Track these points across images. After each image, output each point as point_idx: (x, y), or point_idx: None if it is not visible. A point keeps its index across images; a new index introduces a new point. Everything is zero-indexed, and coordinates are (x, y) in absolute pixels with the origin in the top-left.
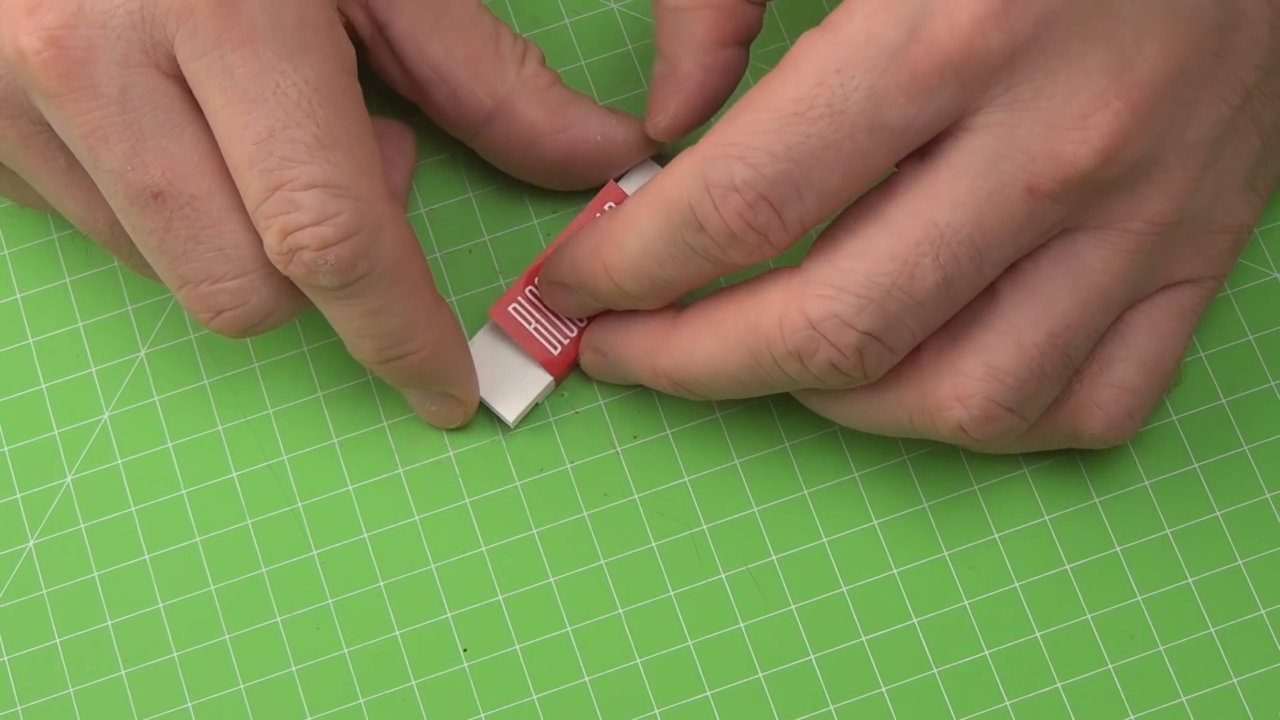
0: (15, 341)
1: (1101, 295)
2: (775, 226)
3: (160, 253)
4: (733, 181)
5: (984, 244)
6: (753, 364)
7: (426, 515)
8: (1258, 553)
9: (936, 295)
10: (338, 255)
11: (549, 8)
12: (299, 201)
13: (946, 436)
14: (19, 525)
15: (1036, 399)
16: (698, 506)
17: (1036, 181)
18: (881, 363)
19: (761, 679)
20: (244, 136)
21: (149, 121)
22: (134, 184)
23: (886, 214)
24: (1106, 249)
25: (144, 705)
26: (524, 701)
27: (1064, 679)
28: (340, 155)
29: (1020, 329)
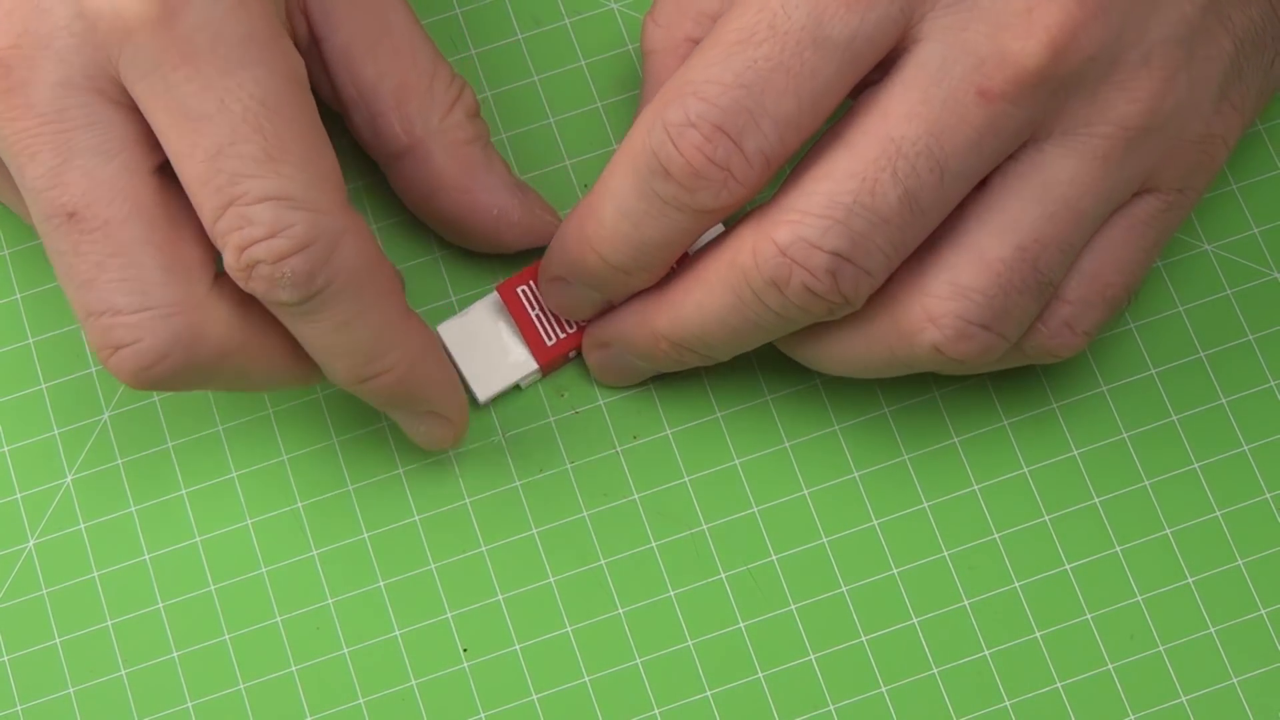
0: (15, 341)
1: (1069, 207)
2: (737, 159)
3: (68, 277)
4: (688, 117)
5: (942, 154)
6: (737, 303)
7: (426, 515)
8: (1258, 553)
9: (901, 210)
10: (294, 267)
11: (549, 8)
12: (252, 216)
13: (927, 360)
14: (19, 525)
15: (1010, 315)
16: (698, 506)
17: (987, 83)
18: (859, 285)
19: (761, 679)
20: (193, 155)
21: (81, 143)
22: (51, 202)
23: (845, 136)
24: (1074, 157)
25: (144, 705)
26: (524, 701)
27: (1064, 679)
28: (291, 167)
29: (985, 245)
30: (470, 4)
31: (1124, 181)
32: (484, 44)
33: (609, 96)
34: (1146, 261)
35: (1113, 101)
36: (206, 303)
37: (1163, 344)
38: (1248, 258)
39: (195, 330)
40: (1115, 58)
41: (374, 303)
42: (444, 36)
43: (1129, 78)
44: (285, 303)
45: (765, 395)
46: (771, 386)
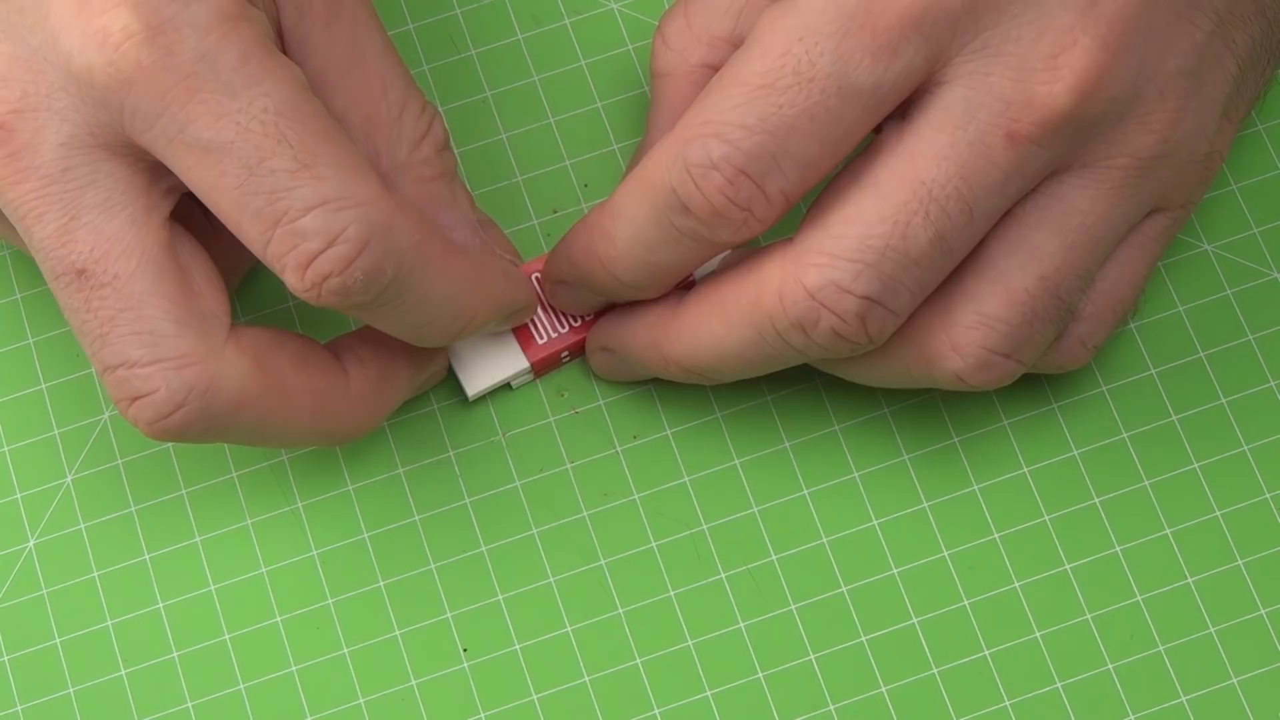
0: (15, 341)
1: (1088, 235)
2: (758, 200)
3: (82, 333)
4: (710, 160)
5: (972, 196)
6: (758, 340)
7: (426, 515)
8: (1258, 553)
9: (931, 252)
10: (364, 268)
11: (549, 8)
12: (303, 230)
13: (944, 385)
14: (19, 525)
15: (1031, 342)
16: (698, 506)
17: (1015, 127)
18: (885, 326)
19: (761, 679)
20: (224, 187)
21: (87, 200)
22: (60, 260)
23: (873, 177)
24: (1092, 188)
25: (144, 705)
26: (524, 701)
27: (1064, 679)
28: (326, 168)
29: (1010, 276)
30: (470, 4)
31: (1137, 206)
32: (484, 44)
33: (609, 96)
34: (1149, 273)
35: (1131, 134)
36: (222, 353)
37: (1163, 344)
38: (1248, 258)
39: (210, 381)
40: (1136, 94)
41: (442, 267)
42: (444, 36)
43: (1146, 112)
44: (360, 303)
45: (765, 395)
46: (771, 386)
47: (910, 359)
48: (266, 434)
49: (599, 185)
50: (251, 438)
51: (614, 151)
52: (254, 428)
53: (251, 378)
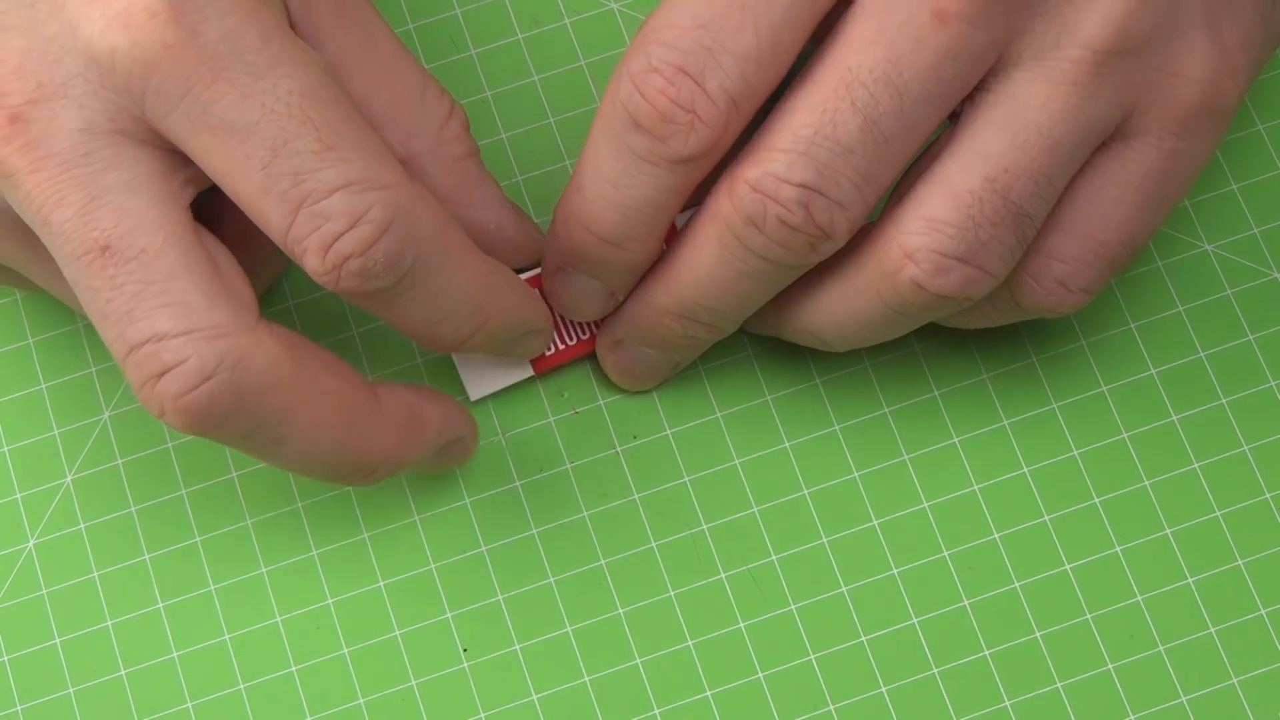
0: (15, 341)
1: (1040, 135)
2: (701, 99)
3: (105, 317)
4: (650, 63)
5: (900, 80)
6: (722, 252)
7: (426, 515)
8: (1258, 553)
9: (863, 139)
10: (385, 250)
11: (549, 8)
12: (326, 211)
13: (914, 301)
14: (19, 525)
15: (987, 248)
16: (698, 506)
17: (942, 4)
18: (834, 217)
19: (761, 679)
20: (247, 169)
21: (109, 181)
22: (83, 240)
23: (807, 72)
24: (1043, 83)
25: (144, 705)
26: (524, 701)
27: (1064, 679)
28: (350, 150)
29: (954, 177)
30: (470, 4)
31: (1101, 110)
32: (484, 44)
33: None
34: (1145, 218)
35: (1080, 23)
36: (255, 330)
37: (1163, 344)
38: (1248, 258)
39: (242, 354)
40: None
41: (461, 259)
42: (444, 36)
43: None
44: (380, 289)
45: (765, 395)
46: (771, 386)
47: (874, 277)
48: (293, 431)
49: None
50: (275, 434)
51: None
52: (282, 419)
53: (284, 362)
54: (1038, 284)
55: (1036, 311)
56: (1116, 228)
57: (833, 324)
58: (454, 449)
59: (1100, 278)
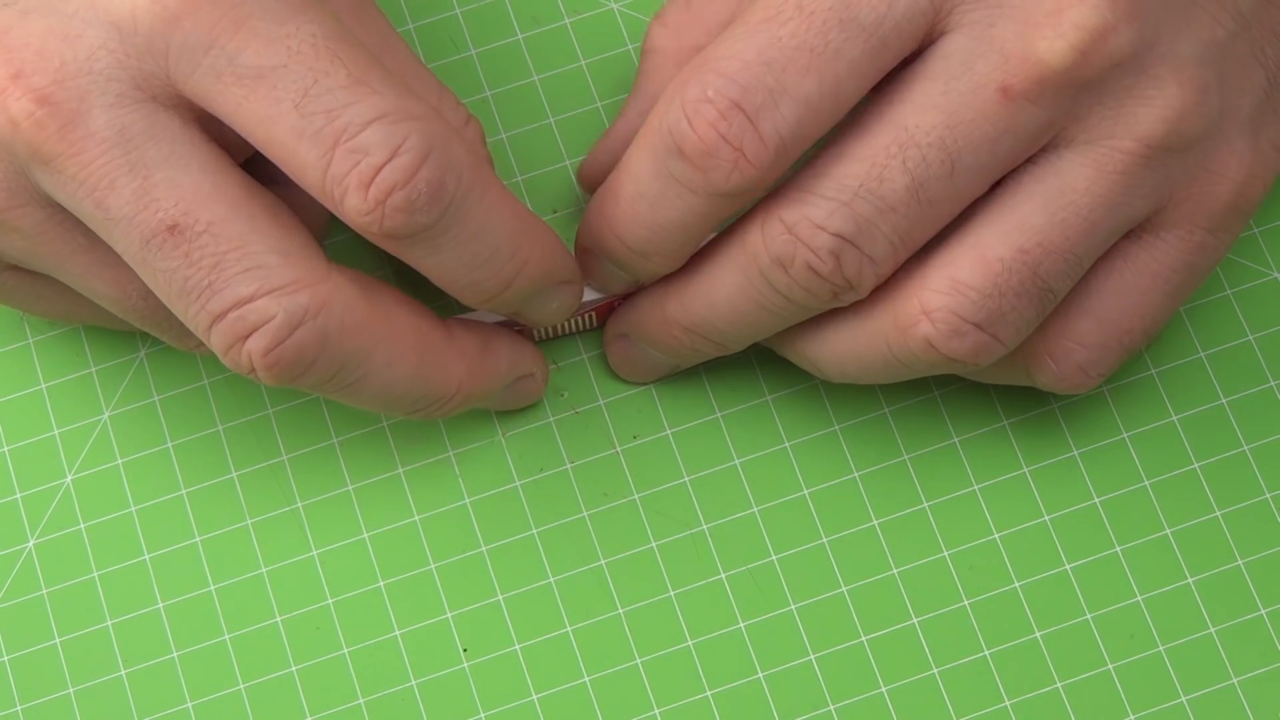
0: (15, 341)
1: (1080, 217)
2: (750, 137)
3: (184, 294)
4: (705, 93)
5: (955, 148)
6: (744, 283)
7: (426, 515)
8: (1258, 553)
9: (907, 199)
10: (428, 179)
11: (549, 8)
12: (364, 145)
13: (922, 357)
14: (19, 525)
15: (1006, 318)
16: (698, 506)
17: (1010, 80)
18: (862, 270)
19: (761, 679)
20: (279, 112)
21: (153, 156)
22: (147, 223)
23: (862, 121)
24: (1091, 168)
25: (144, 705)
26: (524, 701)
27: (1064, 679)
28: (380, 84)
29: (987, 243)
30: (470, 4)
31: (1140, 200)
32: (484, 44)
33: (609, 96)
34: (1169, 306)
35: (1138, 116)
36: (329, 278)
37: (1163, 344)
38: (1248, 258)
39: (322, 302)
40: (1143, 68)
41: (498, 195)
42: (444, 36)
43: (1156, 92)
44: (424, 225)
45: (765, 395)
46: (771, 386)
47: (887, 326)
48: (373, 369)
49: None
50: (359, 373)
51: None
52: (363, 358)
53: (360, 303)
54: (1058, 366)
55: (1046, 388)
56: (1142, 316)
57: (833, 359)
58: (523, 386)
59: (1117, 363)
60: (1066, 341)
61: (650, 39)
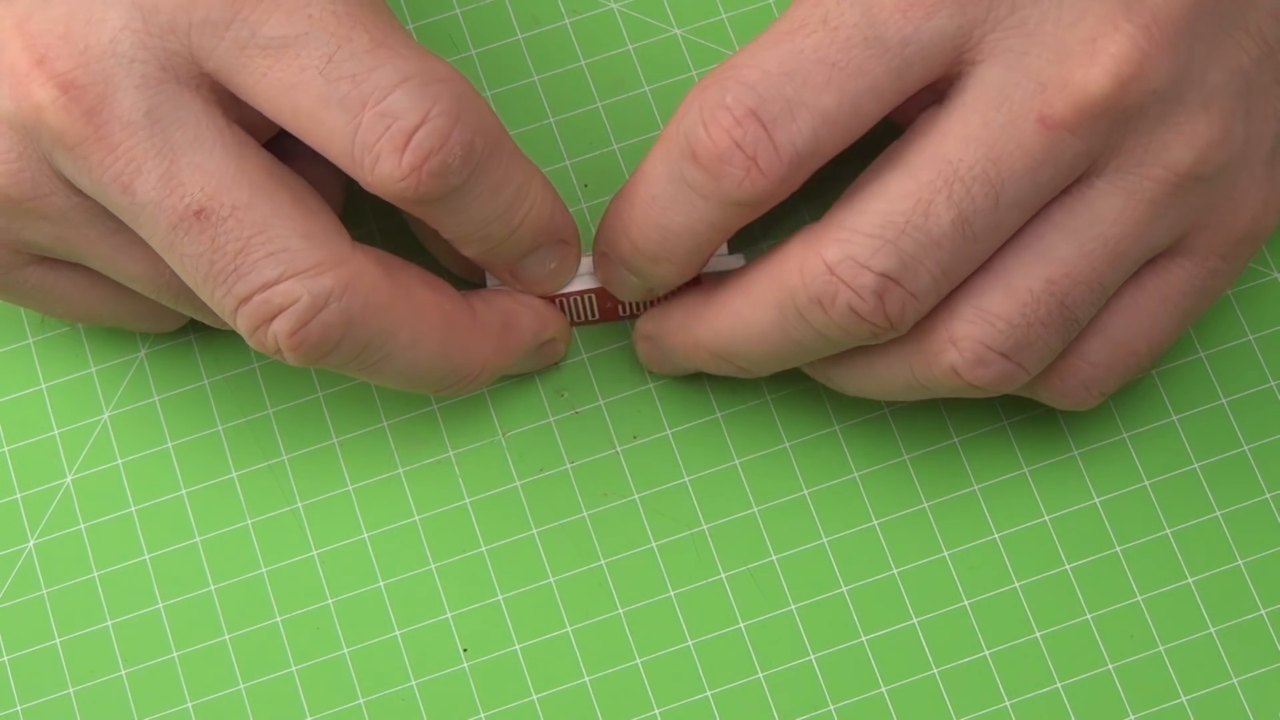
0: (15, 341)
1: (1108, 247)
2: (764, 147)
3: (209, 277)
4: (724, 100)
5: (998, 179)
6: (780, 320)
7: (426, 515)
8: (1258, 553)
9: (953, 234)
10: (460, 140)
11: (549, 8)
12: (393, 109)
13: (944, 383)
14: (19, 525)
15: (1032, 347)
16: (698, 506)
17: (1049, 110)
18: (905, 309)
19: (761, 679)
20: (304, 81)
21: (179, 140)
22: (174, 208)
23: (902, 157)
24: (1121, 196)
25: (144, 705)
26: (524, 701)
27: (1064, 679)
28: (403, 46)
29: (1015, 273)
30: (470, 4)
31: (1165, 229)
32: (484, 44)
33: (609, 96)
34: (1177, 330)
35: (1168, 144)
36: (352, 258)
37: None
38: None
39: (346, 283)
40: (1178, 97)
41: (511, 149)
42: (444, 36)
43: (1187, 121)
44: (456, 187)
45: (765, 395)
46: (771, 386)
47: (911, 352)
48: (398, 347)
49: (599, 185)
50: (383, 352)
51: (614, 151)
52: (387, 337)
53: (383, 283)
54: (1063, 382)
55: (1049, 404)
56: (1149, 339)
57: (853, 379)
58: (547, 349)
59: (1121, 383)
60: (1073, 359)
61: None
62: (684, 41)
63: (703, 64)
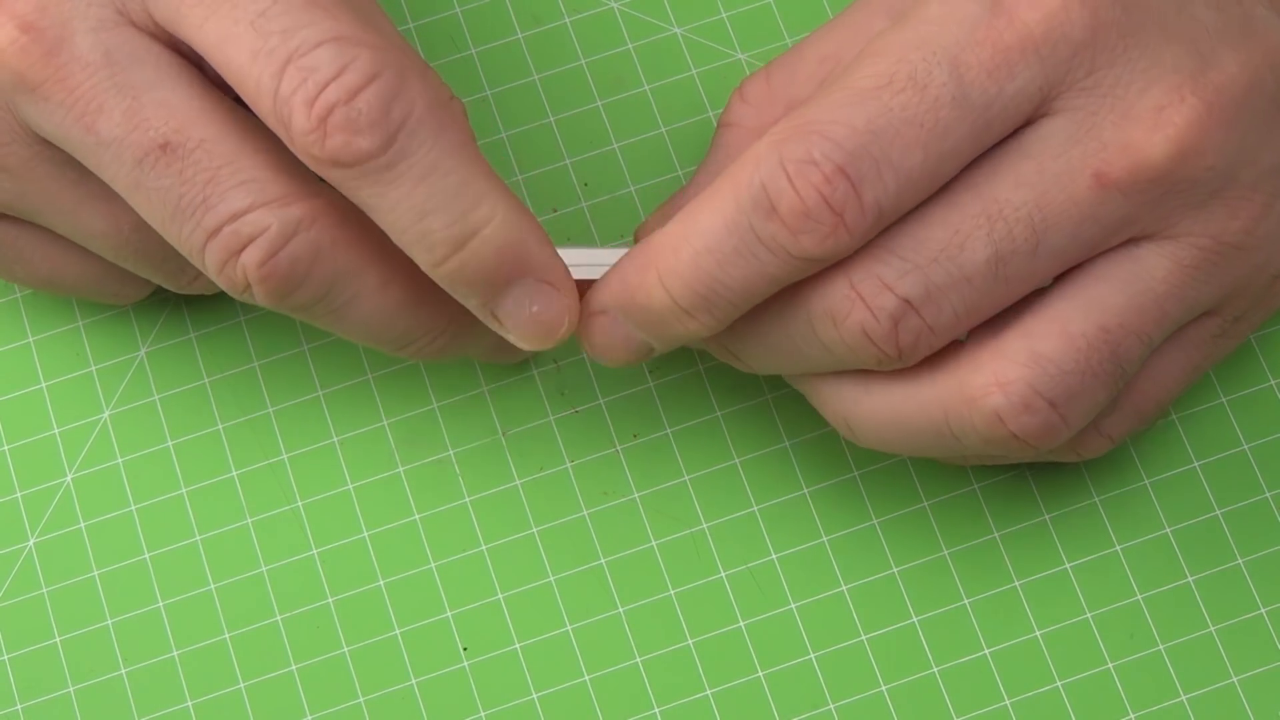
0: (15, 341)
1: (1157, 304)
2: (852, 206)
3: (178, 213)
4: (811, 155)
5: (1042, 227)
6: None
7: (426, 515)
8: (1258, 552)
9: (985, 272)
10: (368, 101)
11: (549, 7)
12: (313, 63)
13: (981, 430)
14: (19, 525)
15: (1080, 399)
16: (698, 506)
17: (1106, 169)
18: (918, 342)
19: (761, 678)
20: (237, 32)
21: (140, 79)
22: (139, 143)
23: (948, 190)
24: (1169, 260)
25: (144, 705)
26: (524, 701)
27: (1064, 679)
28: (339, 9)
29: (1070, 318)
30: (470, 3)
31: (1205, 295)
32: (484, 43)
33: (609, 96)
34: (1187, 379)
35: (1217, 216)
36: (322, 193)
37: None
38: None
39: (315, 213)
40: (1232, 175)
41: (457, 141)
42: (444, 36)
43: (1237, 198)
44: (367, 152)
45: (765, 395)
46: (771, 386)
47: (950, 395)
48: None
49: (599, 185)
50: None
51: (614, 151)
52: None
53: (354, 219)
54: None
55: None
56: (1163, 385)
57: (873, 422)
58: None
59: (1130, 430)
60: None
61: (729, 113)
62: (684, 41)
63: (702, 63)
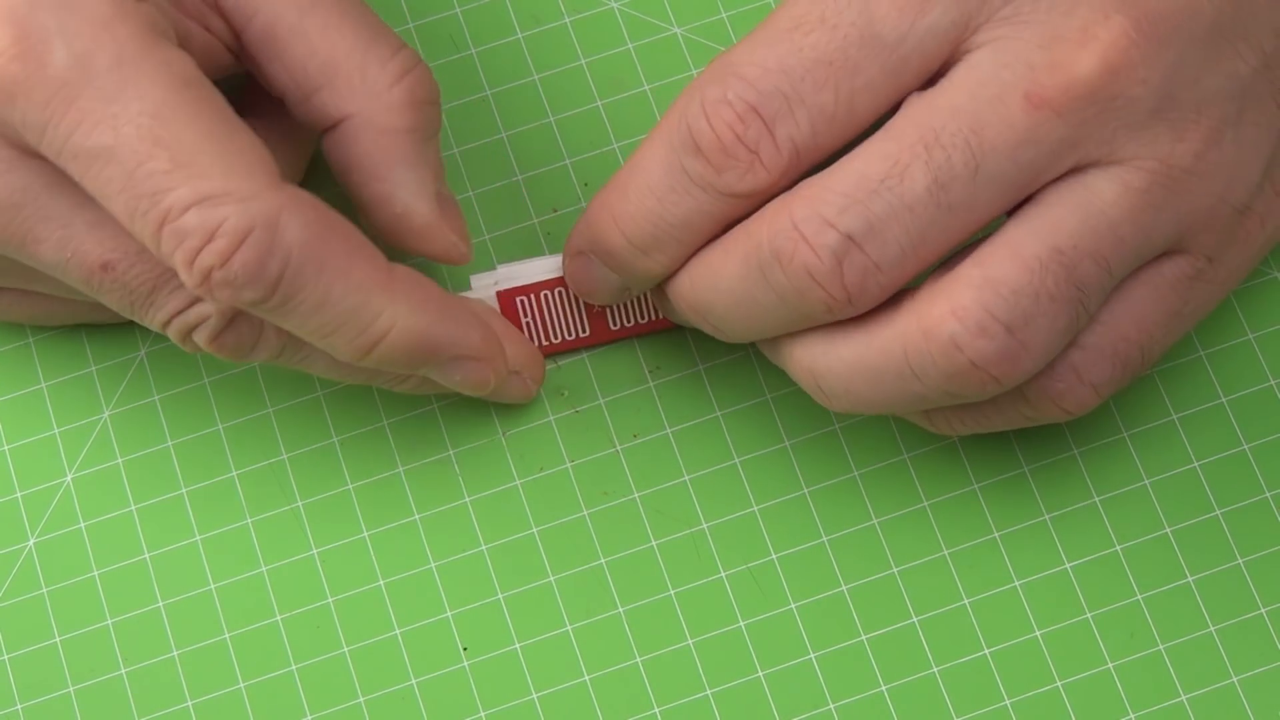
0: (15, 341)
1: (1110, 228)
2: (766, 143)
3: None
4: (725, 96)
5: (980, 151)
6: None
7: (426, 515)
8: (1258, 552)
9: (926, 200)
10: (243, 261)
11: (549, 7)
12: (183, 228)
13: (941, 364)
14: (19, 525)
15: (1037, 323)
16: (698, 506)
17: (1036, 89)
18: (866, 281)
19: (761, 678)
20: (111, 192)
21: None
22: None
23: (890, 127)
24: (1118, 184)
25: (144, 705)
26: (524, 700)
27: (1064, 678)
28: (205, 165)
29: (1020, 240)
30: (470, 3)
31: (1162, 224)
32: (484, 43)
33: (609, 96)
34: (1168, 326)
35: (1161, 137)
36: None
37: None
38: None
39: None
40: (1169, 94)
41: (343, 266)
42: (444, 36)
43: (1180, 118)
44: (255, 300)
45: (765, 395)
46: (771, 386)
47: (908, 330)
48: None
49: (599, 184)
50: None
51: (614, 151)
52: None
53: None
54: (1056, 378)
55: (1045, 406)
56: (1137, 325)
57: (841, 372)
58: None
59: (1113, 376)
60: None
61: None
62: (684, 40)
63: (702, 63)
